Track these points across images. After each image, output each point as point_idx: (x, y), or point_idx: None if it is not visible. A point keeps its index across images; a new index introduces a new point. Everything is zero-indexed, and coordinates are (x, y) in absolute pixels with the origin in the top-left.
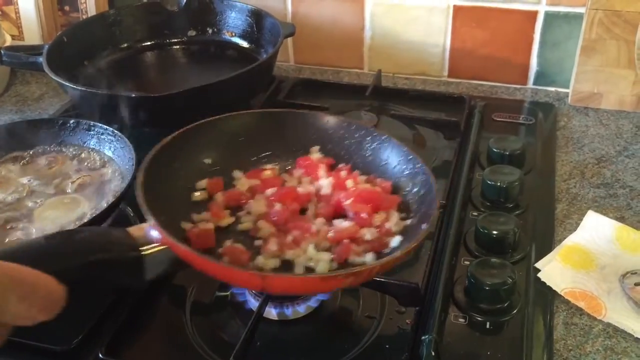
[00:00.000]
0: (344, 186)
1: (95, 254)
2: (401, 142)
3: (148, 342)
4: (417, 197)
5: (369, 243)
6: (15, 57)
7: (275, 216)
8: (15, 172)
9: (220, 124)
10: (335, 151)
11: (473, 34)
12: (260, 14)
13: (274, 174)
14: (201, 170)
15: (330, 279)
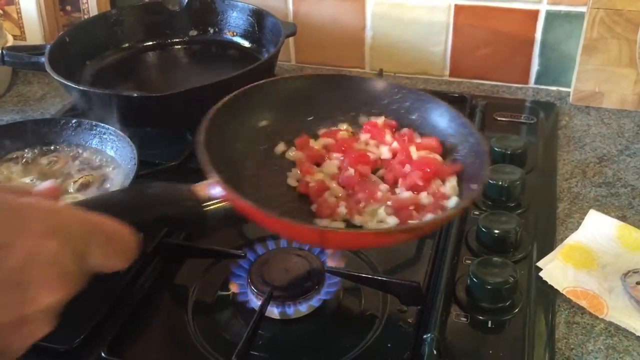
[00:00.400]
0: (407, 151)
1: (164, 208)
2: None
3: (150, 341)
4: (467, 158)
5: (428, 208)
6: (17, 57)
7: (346, 180)
8: (17, 172)
9: (277, 84)
10: (394, 114)
11: (474, 33)
12: (262, 13)
13: (348, 133)
14: (259, 132)
15: (383, 235)
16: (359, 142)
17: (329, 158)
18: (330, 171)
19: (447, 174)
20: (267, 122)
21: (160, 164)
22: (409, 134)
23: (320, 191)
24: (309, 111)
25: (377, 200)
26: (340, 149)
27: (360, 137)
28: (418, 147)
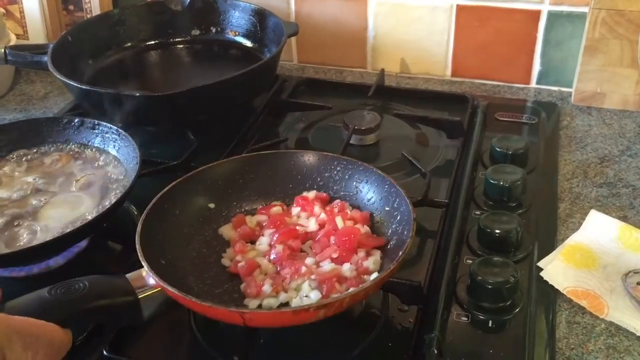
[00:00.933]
0: (334, 223)
1: (96, 300)
2: (377, 169)
3: (152, 339)
4: (398, 228)
5: (350, 280)
6: (20, 56)
7: (275, 257)
8: (20, 171)
9: (213, 170)
10: (328, 185)
11: (476, 33)
12: (264, 13)
13: (282, 209)
14: (203, 215)
15: (301, 312)
16: (291, 217)
17: (262, 235)
18: (262, 249)
19: (370, 246)
20: (213, 205)
21: (162, 163)
22: (340, 205)
23: (250, 270)
24: (247, 190)
25: (302, 275)
26: (273, 224)
27: (292, 211)
28: (345, 217)
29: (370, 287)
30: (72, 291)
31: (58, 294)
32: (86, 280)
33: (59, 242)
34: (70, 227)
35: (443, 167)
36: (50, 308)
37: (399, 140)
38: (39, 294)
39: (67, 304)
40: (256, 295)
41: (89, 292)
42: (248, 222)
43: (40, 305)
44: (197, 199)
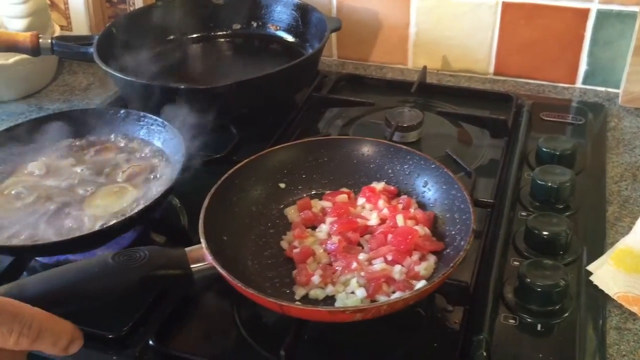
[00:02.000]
0: (394, 220)
1: (154, 270)
2: (449, 171)
3: (196, 330)
4: (457, 235)
5: (398, 283)
6: (66, 47)
7: (330, 248)
8: (67, 161)
9: (286, 151)
10: (398, 179)
11: (521, 31)
12: (307, 8)
13: (349, 197)
14: (272, 193)
15: (337, 313)
16: (355, 207)
17: (323, 222)
18: (321, 236)
19: (426, 250)
20: (283, 185)
21: (206, 156)
22: (406, 201)
23: (304, 257)
24: (318, 173)
25: (351, 270)
26: (336, 212)
27: (357, 201)
28: (407, 216)
29: (410, 297)
30: (134, 259)
31: (121, 261)
32: (147, 249)
33: (108, 232)
34: (116, 218)
35: (487, 167)
36: (113, 273)
37: (441, 138)
38: (104, 258)
39: (129, 271)
40: (305, 284)
41: (149, 262)
42: (313, 207)
43: (105, 269)
44: (268, 178)
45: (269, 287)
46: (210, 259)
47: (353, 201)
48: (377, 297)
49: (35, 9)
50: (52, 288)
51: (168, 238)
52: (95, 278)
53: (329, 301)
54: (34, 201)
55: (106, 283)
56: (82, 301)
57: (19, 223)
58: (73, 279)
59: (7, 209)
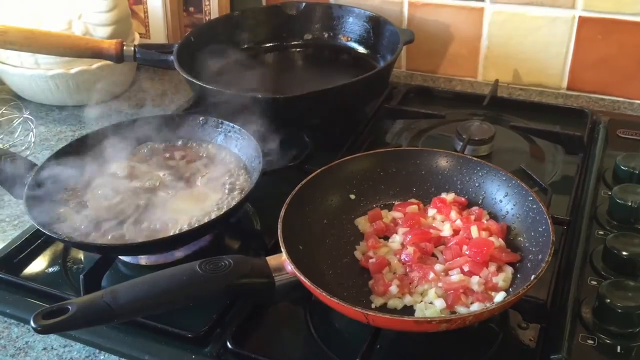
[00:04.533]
0: (469, 231)
1: (239, 279)
2: (521, 182)
3: (271, 334)
4: (532, 247)
5: (477, 294)
6: (148, 54)
7: (405, 258)
8: (149, 164)
9: (356, 162)
10: (467, 190)
11: (598, 46)
12: (379, 20)
13: (419, 208)
14: (343, 204)
15: (424, 323)
16: (426, 217)
17: (395, 232)
18: (394, 247)
19: (502, 261)
20: (353, 196)
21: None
22: (478, 213)
23: (380, 267)
24: (387, 184)
25: (429, 281)
26: (408, 223)
27: (428, 212)
28: (481, 227)
29: (496, 309)
30: (220, 268)
31: (208, 269)
32: (231, 258)
33: (189, 235)
34: (197, 221)
35: (561, 183)
36: (201, 281)
37: (513, 153)
38: (191, 267)
39: (216, 280)
40: (382, 294)
41: (234, 270)
42: (384, 217)
43: (193, 278)
44: (338, 189)
45: (346, 296)
46: (293, 268)
47: (423, 212)
48: (456, 308)
49: (119, 18)
50: (143, 295)
51: (242, 242)
52: (185, 286)
53: (407, 311)
54: (119, 202)
55: (194, 290)
56: (171, 307)
57: (106, 223)
58: (164, 287)
59: (96, 208)
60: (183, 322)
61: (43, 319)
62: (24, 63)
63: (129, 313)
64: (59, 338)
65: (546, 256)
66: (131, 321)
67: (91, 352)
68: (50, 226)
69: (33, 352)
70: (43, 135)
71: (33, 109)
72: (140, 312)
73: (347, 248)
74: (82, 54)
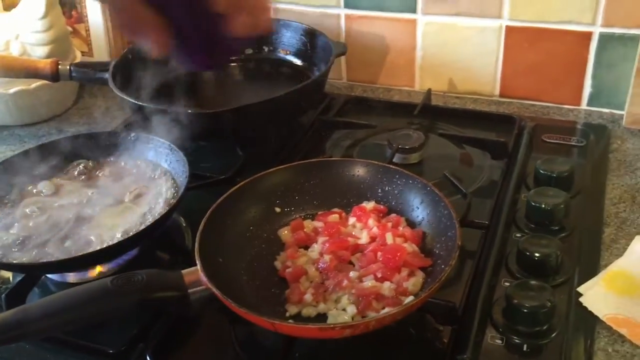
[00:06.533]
0: (384, 238)
1: (151, 293)
2: (436, 189)
3: (194, 347)
4: (442, 251)
5: (387, 300)
6: (84, 72)
7: (322, 266)
8: (77, 181)
9: (280, 173)
10: (387, 198)
11: (526, 54)
12: (314, 33)
13: (340, 217)
14: (267, 216)
15: (327, 330)
16: (346, 226)
17: (315, 242)
18: (313, 256)
19: (414, 266)
20: (279, 209)
21: (211, 177)
22: (395, 220)
23: (297, 276)
24: (310, 195)
25: (343, 288)
26: (327, 232)
27: (348, 221)
28: (395, 234)
29: (397, 313)
30: (132, 283)
31: (119, 284)
32: (144, 273)
33: (112, 250)
34: (122, 236)
35: (486, 188)
36: (111, 297)
37: (442, 159)
38: (102, 283)
39: (127, 294)
40: (297, 302)
41: (146, 285)
42: (305, 227)
43: (104, 293)
44: (261, 201)
45: (263, 306)
46: (205, 281)
47: (344, 221)
48: (368, 314)
49: (57, 37)
50: (54, 311)
51: (172, 256)
52: (95, 301)
53: (321, 319)
54: (45, 220)
55: (105, 306)
56: (83, 322)
57: (31, 241)
58: (74, 303)
59: (22, 226)
60: (105, 338)
61: None
62: None
63: (40, 331)
64: None
65: (449, 260)
66: (51, 338)
67: None
68: None
69: None
70: None
71: None
72: (53, 329)
73: (269, 259)
74: (18, 75)
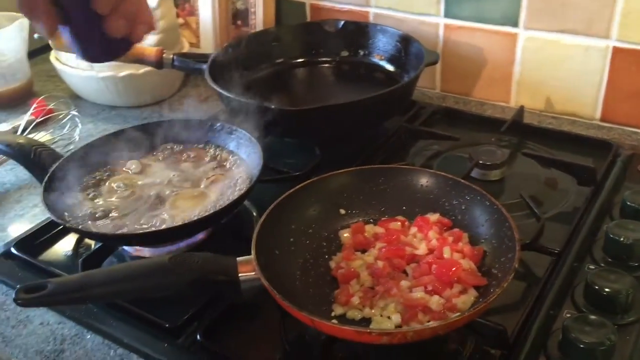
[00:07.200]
0: (441, 252)
1: (204, 275)
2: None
3: (244, 334)
4: (502, 269)
5: (434, 313)
6: (184, 62)
7: (375, 272)
8: (163, 163)
9: (349, 175)
10: (454, 212)
11: (633, 77)
12: (409, 40)
13: (403, 225)
14: (331, 216)
15: (364, 334)
16: (407, 235)
17: (373, 246)
18: (369, 260)
19: (468, 284)
20: (343, 211)
21: (286, 173)
22: (457, 234)
23: (348, 278)
24: (377, 200)
25: (391, 296)
26: (387, 238)
27: (410, 230)
28: (454, 249)
29: (437, 327)
30: (187, 263)
31: (176, 263)
32: (201, 255)
33: (182, 230)
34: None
35: (566, 215)
36: (167, 273)
37: (525, 180)
38: (161, 259)
39: (181, 273)
40: (344, 304)
41: (200, 267)
42: (366, 231)
43: (160, 269)
44: (326, 201)
45: (310, 303)
46: (257, 270)
47: (406, 229)
48: (412, 325)
49: (166, 27)
50: (115, 279)
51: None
52: (152, 275)
53: (364, 323)
54: (128, 196)
55: (160, 281)
56: (140, 293)
57: (113, 213)
58: (133, 274)
59: (107, 200)
60: (164, 313)
61: (24, 293)
62: (80, 64)
63: (101, 295)
64: (55, 315)
65: (502, 282)
66: (118, 306)
67: (80, 331)
68: (61, 212)
69: (31, 325)
70: (89, 132)
71: (87, 107)
72: (112, 295)
73: (325, 258)
74: (126, 59)
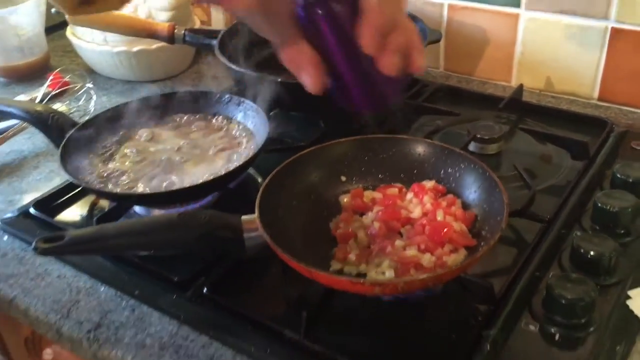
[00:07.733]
0: (434, 215)
1: (211, 231)
2: (494, 174)
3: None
4: (491, 232)
5: (426, 270)
6: (195, 38)
7: (372, 232)
8: (173, 132)
9: (350, 143)
10: (448, 179)
11: (630, 58)
12: (413, 19)
13: (400, 191)
14: (332, 182)
15: (357, 284)
16: (403, 200)
17: (371, 210)
18: (366, 222)
19: (459, 244)
20: (344, 178)
21: (290, 144)
22: (450, 200)
23: (347, 237)
24: (376, 168)
25: (386, 254)
26: (384, 203)
27: (406, 196)
28: (446, 212)
29: (426, 279)
30: (195, 219)
31: (184, 218)
32: (208, 212)
33: (191, 191)
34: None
35: (560, 187)
36: (175, 228)
37: (521, 154)
38: (171, 215)
39: (189, 228)
40: (342, 260)
41: (207, 222)
42: (365, 196)
43: (169, 224)
44: (328, 167)
45: (310, 258)
46: (260, 227)
47: (402, 195)
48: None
49: (179, 4)
50: (126, 232)
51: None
52: (162, 230)
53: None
54: (140, 161)
55: (169, 236)
56: (151, 247)
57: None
58: (144, 228)
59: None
60: (174, 269)
61: (43, 243)
62: (95, 39)
63: (113, 247)
64: (71, 269)
65: (490, 240)
66: (130, 261)
67: (94, 284)
68: (76, 174)
69: (49, 277)
70: (103, 104)
71: (101, 81)
72: (124, 247)
73: (326, 220)
74: (139, 34)
